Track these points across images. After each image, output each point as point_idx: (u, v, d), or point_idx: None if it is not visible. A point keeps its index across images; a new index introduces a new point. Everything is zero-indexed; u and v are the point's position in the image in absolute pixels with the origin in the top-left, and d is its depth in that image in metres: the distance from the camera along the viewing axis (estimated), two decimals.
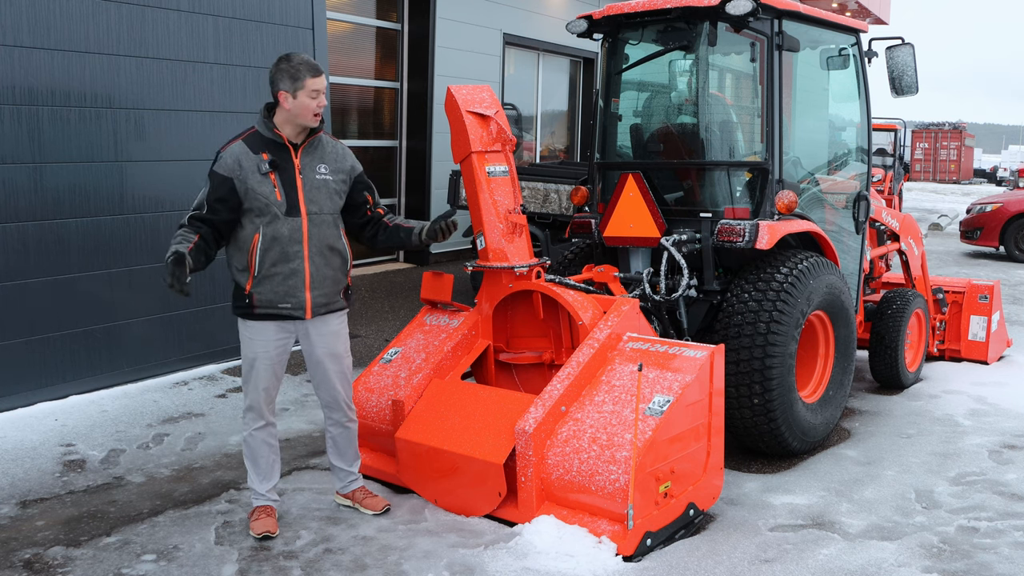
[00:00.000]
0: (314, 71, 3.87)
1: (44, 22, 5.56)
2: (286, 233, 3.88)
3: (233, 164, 3.84)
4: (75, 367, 5.86)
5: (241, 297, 3.94)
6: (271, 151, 3.90)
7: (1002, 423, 5.83)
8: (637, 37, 5.58)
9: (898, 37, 5.81)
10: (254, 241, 3.87)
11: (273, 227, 3.87)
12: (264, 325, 3.96)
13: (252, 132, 3.95)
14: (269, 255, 3.88)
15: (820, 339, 5.40)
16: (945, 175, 42.11)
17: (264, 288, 3.90)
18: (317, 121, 3.93)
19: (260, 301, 3.92)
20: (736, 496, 4.58)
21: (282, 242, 3.88)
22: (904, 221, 7.08)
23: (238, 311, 3.98)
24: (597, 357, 4.30)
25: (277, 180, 3.88)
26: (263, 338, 3.97)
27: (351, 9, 10.76)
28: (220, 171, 3.85)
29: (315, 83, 3.86)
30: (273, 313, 3.94)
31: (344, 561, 3.80)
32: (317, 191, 3.96)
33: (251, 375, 4.00)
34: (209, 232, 3.86)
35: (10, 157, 5.46)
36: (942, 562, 3.91)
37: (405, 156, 11.61)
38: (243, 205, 3.86)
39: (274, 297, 3.92)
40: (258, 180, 3.85)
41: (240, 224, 3.90)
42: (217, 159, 3.88)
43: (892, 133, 16.77)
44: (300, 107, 3.86)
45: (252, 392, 4.02)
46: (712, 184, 5.40)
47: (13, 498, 4.38)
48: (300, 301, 3.95)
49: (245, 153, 3.87)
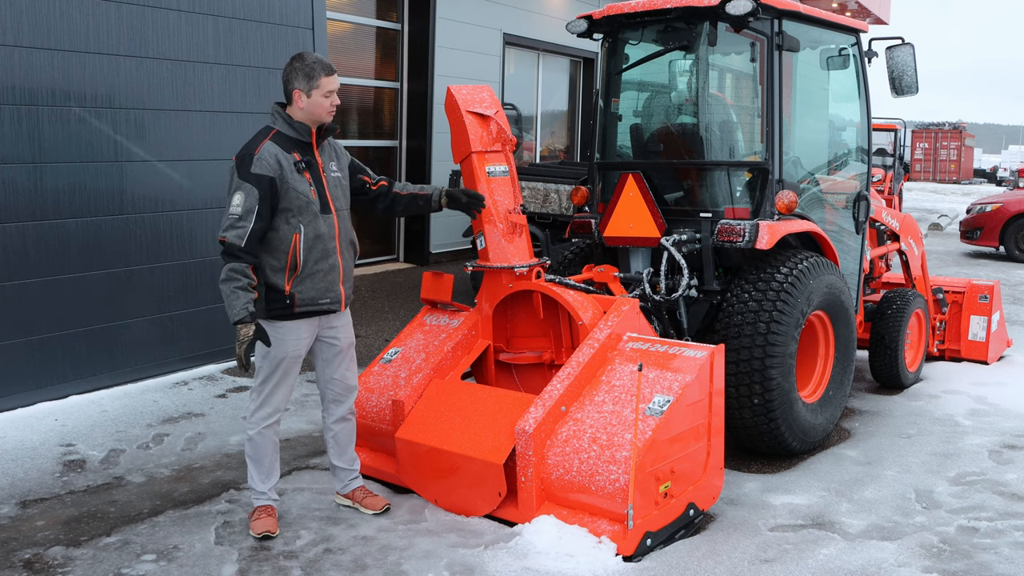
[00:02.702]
0: (328, 70, 3.91)
1: (44, 22, 5.57)
2: (325, 230, 3.94)
3: (274, 163, 3.82)
4: (75, 367, 5.86)
5: (279, 298, 3.90)
6: (299, 151, 3.93)
7: (1002, 423, 5.83)
8: (637, 37, 5.58)
9: (898, 37, 5.81)
10: (294, 241, 3.86)
11: (314, 225, 3.90)
12: (299, 324, 3.96)
13: (275, 133, 3.92)
14: (313, 253, 3.91)
15: (820, 339, 5.40)
16: (945, 175, 42.11)
17: (306, 286, 3.92)
18: (331, 118, 3.97)
19: (303, 300, 3.92)
20: (736, 496, 4.58)
21: (324, 239, 3.93)
22: (904, 221, 7.08)
23: (275, 312, 3.91)
24: (597, 357, 4.30)
25: (311, 178, 3.92)
26: (296, 337, 3.96)
27: (351, 9, 10.76)
28: (263, 171, 3.78)
29: (329, 82, 3.90)
30: (313, 310, 3.97)
31: (344, 561, 3.80)
32: (336, 188, 4.05)
33: (275, 375, 3.98)
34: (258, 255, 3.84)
35: (10, 157, 5.46)
36: (942, 562, 3.91)
37: (405, 156, 11.61)
38: (279, 205, 3.85)
39: (316, 294, 3.95)
40: (297, 179, 3.87)
41: (272, 226, 3.86)
42: (252, 162, 3.79)
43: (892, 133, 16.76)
44: (314, 105, 3.89)
45: (273, 391, 4.00)
46: (712, 184, 5.40)
47: (13, 498, 4.38)
48: (337, 295, 4.03)
49: (280, 152, 3.86)
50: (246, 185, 3.77)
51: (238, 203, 3.76)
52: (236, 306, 3.71)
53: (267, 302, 3.90)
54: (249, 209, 3.75)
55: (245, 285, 3.74)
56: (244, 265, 3.75)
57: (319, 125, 3.98)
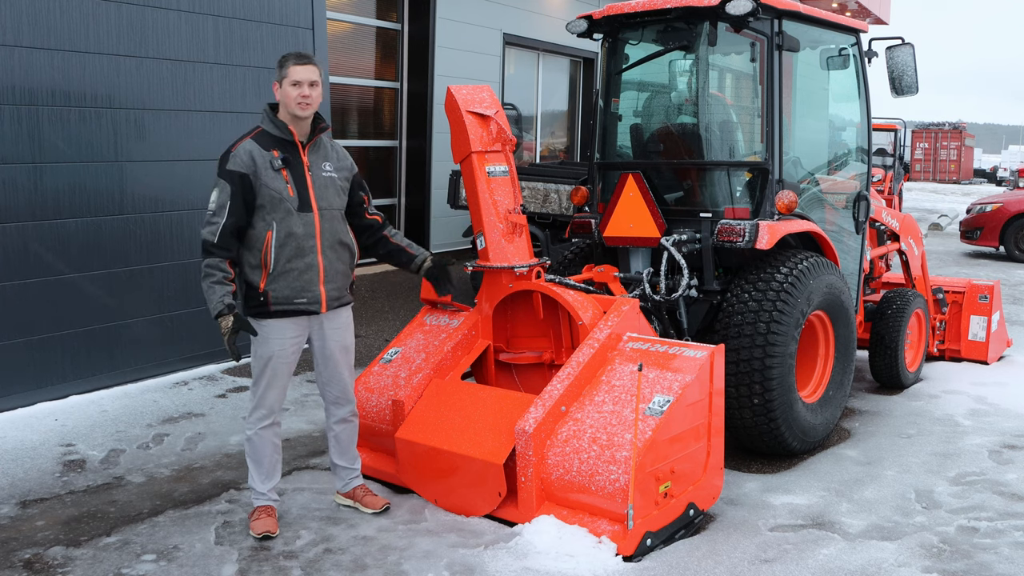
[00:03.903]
0: (299, 59, 3.92)
1: (44, 22, 5.56)
2: (300, 229, 3.92)
3: (248, 160, 3.85)
4: (75, 367, 5.86)
5: (255, 296, 3.92)
6: (281, 148, 3.94)
7: (1002, 423, 5.83)
8: (637, 37, 5.58)
9: (898, 37, 5.81)
10: (267, 238, 3.87)
11: (287, 223, 3.89)
12: (280, 323, 3.96)
13: (259, 131, 3.96)
14: (284, 251, 3.89)
15: (820, 339, 5.40)
16: (945, 175, 42.10)
17: (279, 284, 3.91)
18: (302, 111, 3.92)
19: (276, 298, 3.92)
20: (736, 496, 4.58)
21: (297, 237, 3.91)
22: (904, 221, 7.08)
23: (252, 311, 3.95)
24: (597, 357, 4.30)
25: (289, 176, 3.91)
26: (279, 336, 3.97)
27: (351, 9, 10.76)
28: (236, 168, 3.82)
29: (296, 72, 3.88)
30: (289, 309, 3.95)
31: (344, 561, 3.80)
32: (325, 188, 4.02)
33: (265, 374, 3.99)
34: (237, 250, 3.88)
35: (10, 157, 5.46)
36: (942, 562, 3.91)
37: (405, 156, 11.60)
38: (256, 202, 3.87)
39: (290, 293, 3.93)
40: (271, 176, 3.87)
41: (250, 223, 3.89)
42: (228, 158, 3.86)
43: (892, 133, 16.76)
44: (284, 96, 3.92)
45: (266, 392, 4.01)
46: (712, 184, 5.40)
47: (13, 498, 4.38)
48: (316, 295, 3.99)
49: (256, 149, 3.88)
50: (221, 181, 3.84)
51: (213, 199, 3.84)
52: (213, 300, 3.78)
53: (246, 299, 3.96)
54: (222, 205, 3.81)
55: (221, 279, 3.79)
56: (218, 260, 3.80)
57: (299, 121, 3.96)
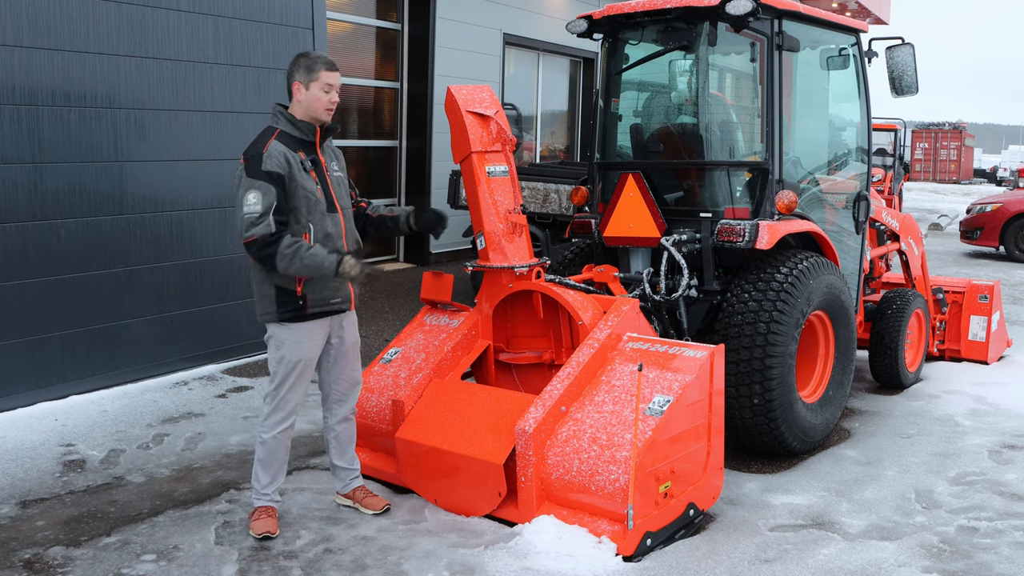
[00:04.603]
0: (330, 65, 3.92)
1: (44, 22, 5.56)
2: (333, 229, 3.94)
3: (283, 161, 3.80)
4: (75, 367, 5.86)
5: (291, 300, 3.88)
6: (304, 150, 3.93)
7: (1002, 423, 5.83)
8: (637, 37, 5.58)
9: (898, 37, 5.81)
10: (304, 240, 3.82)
11: (323, 224, 3.90)
12: (313, 325, 3.95)
13: (279, 132, 3.90)
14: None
15: (820, 339, 5.40)
16: (945, 175, 42.10)
17: (317, 286, 3.90)
18: (328, 116, 3.95)
19: (314, 300, 3.91)
20: (736, 496, 4.58)
21: (332, 239, 3.93)
22: (904, 221, 7.08)
23: (288, 314, 3.89)
24: (597, 357, 4.30)
25: (317, 177, 3.92)
26: (312, 339, 3.96)
27: (351, 9, 10.76)
28: (274, 168, 3.76)
29: (329, 76, 3.90)
30: (324, 311, 3.96)
31: (344, 561, 3.80)
32: (339, 187, 4.06)
33: (290, 378, 3.95)
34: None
35: (10, 157, 5.46)
36: (942, 562, 3.91)
37: (405, 156, 11.61)
38: (289, 204, 3.82)
39: (327, 293, 3.94)
40: (304, 177, 3.87)
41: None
42: (262, 160, 3.76)
43: (892, 133, 16.76)
44: (312, 99, 3.89)
45: (288, 395, 3.97)
46: (712, 184, 5.40)
47: (13, 498, 4.38)
48: (346, 294, 4.04)
49: (287, 151, 3.84)
50: (261, 183, 3.74)
51: (255, 201, 3.72)
52: (322, 258, 3.72)
53: (279, 305, 3.89)
54: (268, 206, 3.73)
55: (307, 245, 3.74)
56: (287, 237, 3.74)
57: (321, 124, 3.97)
